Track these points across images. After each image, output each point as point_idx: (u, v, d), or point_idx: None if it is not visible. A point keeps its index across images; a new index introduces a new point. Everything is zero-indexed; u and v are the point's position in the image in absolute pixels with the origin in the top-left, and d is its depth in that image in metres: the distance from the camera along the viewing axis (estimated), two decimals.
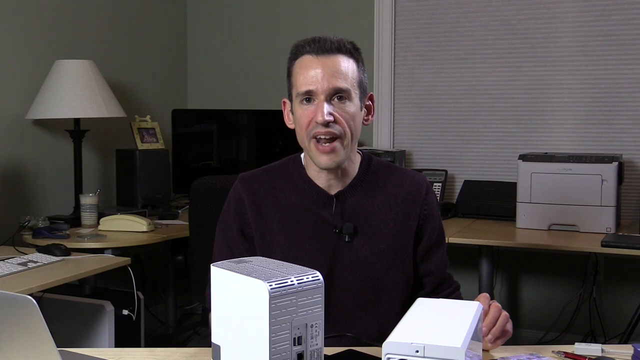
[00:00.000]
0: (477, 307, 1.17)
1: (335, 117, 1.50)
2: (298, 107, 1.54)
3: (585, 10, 3.37)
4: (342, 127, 1.51)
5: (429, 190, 1.64)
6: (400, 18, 3.73)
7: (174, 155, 3.69)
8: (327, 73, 1.49)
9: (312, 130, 1.52)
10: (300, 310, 1.06)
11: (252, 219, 1.59)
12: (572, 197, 2.95)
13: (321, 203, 1.58)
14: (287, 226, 1.58)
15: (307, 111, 1.52)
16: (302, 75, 1.52)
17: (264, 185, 1.62)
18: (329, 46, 1.51)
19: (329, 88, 1.49)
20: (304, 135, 1.54)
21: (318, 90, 1.50)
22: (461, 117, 3.64)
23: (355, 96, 1.54)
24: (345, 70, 1.52)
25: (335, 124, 1.50)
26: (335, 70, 1.50)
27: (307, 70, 1.51)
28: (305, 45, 1.53)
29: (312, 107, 1.51)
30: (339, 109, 1.51)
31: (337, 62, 1.51)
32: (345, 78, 1.51)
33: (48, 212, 3.16)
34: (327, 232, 1.57)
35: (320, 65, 1.50)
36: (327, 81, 1.49)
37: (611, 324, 3.38)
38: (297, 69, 1.54)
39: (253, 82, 4.06)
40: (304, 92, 1.51)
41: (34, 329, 1.01)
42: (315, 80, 1.49)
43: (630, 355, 1.34)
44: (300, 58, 1.54)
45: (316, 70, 1.50)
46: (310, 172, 1.61)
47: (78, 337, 2.59)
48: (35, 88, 3.09)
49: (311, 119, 1.51)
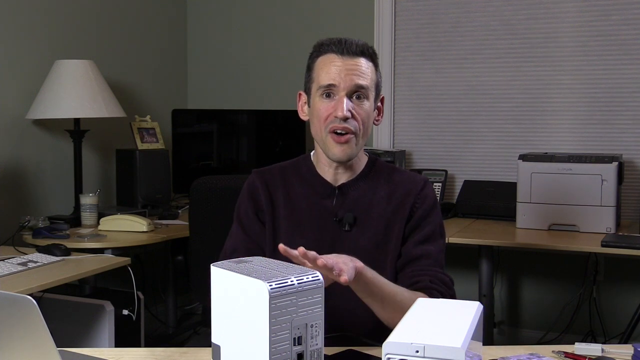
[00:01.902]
0: (477, 307, 1.17)
1: (353, 113, 1.57)
2: (318, 100, 1.60)
3: (585, 10, 3.37)
4: (358, 123, 1.58)
5: (425, 186, 1.67)
6: (400, 18, 3.73)
7: (174, 155, 3.69)
8: (350, 71, 1.56)
9: (330, 124, 1.58)
10: (300, 310, 1.06)
11: (265, 205, 1.66)
12: (572, 197, 2.95)
13: (325, 194, 1.65)
14: (292, 214, 1.64)
15: (327, 105, 1.58)
16: (325, 71, 1.58)
17: (275, 178, 1.69)
18: (354, 49, 1.58)
19: (351, 85, 1.56)
20: (321, 127, 1.60)
21: (340, 86, 1.56)
22: (461, 117, 3.64)
23: (371, 97, 1.61)
24: (366, 71, 1.59)
25: (353, 120, 1.57)
26: (357, 70, 1.57)
27: (330, 66, 1.58)
28: (330, 44, 1.60)
29: (332, 102, 1.58)
30: (357, 106, 1.58)
31: (360, 63, 1.58)
32: (366, 78, 1.58)
33: (48, 212, 3.16)
34: (328, 221, 1.62)
35: (343, 63, 1.57)
36: (350, 78, 1.56)
37: (611, 324, 3.37)
38: (320, 64, 1.60)
39: (253, 82, 4.06)
40: (326, 85, 1.57)
41: (34, 329, 1.01)
42: (338, 76, 1.56)
43: (630, 355, 1.34)
44: (324, 55, 1.60)
45: (339, 67, 1.57)
46: (319, 167, 1.68)
47: (78, 337, 2.59)
48: (35, 88, 3.09)
49: (330, 113, 1.57)
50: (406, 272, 1.59)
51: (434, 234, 1.64)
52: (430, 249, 1.62)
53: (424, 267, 1.58)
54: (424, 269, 1.58)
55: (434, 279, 1.57)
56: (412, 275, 1.57)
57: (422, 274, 1.57)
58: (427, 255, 1.60)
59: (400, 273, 1.59)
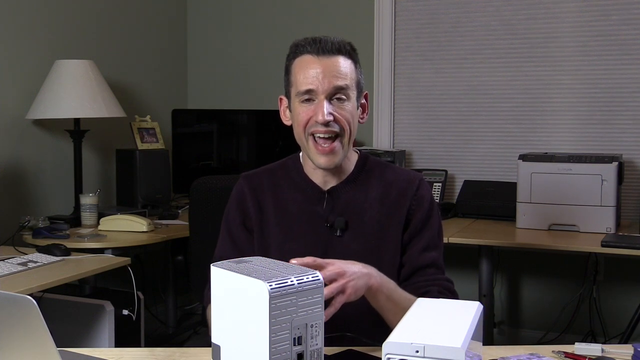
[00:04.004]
0: (477, 307, 1.17)
1: (335, 116, 1.53)
2: (298, 105, 1.56)
3: (585, 10, 3.37)
4: (341, 125, 1.54)
5: (421, 186, 1.63)
6: (400, 18, 3.73)
7: (174, 155, 3.69)
8: (328, 73, 1.52)
9: (310, 128, 1.54)
10: (300, 310, 1.06)
11: (253, 212, 1.63)
12: (572, 197, 2.95)
13: (315, 198, 1.62)
14: (283, 220, 1.61)
15: (307, 110, 1.54)
16: (302, 75, 1.53)
17: (264, 182, 1.66)
18: (330, 47, 1.53)
19: (330, 87, 1.52)
20: (301, 132, 1.57)
21: (319, 90, 1.52)
22: (461, 117, 3.64)
23: (353, 96, 1.57)
24: (345, 70, 1.54)
25: (335, 123, 1.53)
26: (335, 71, 1.52)
27: (307, 69, 1.53)
28: (305, 45, 1.55)
29: (312, 107, 1.54)
30: (338, 108, 1.54)
31: (337, 62, 1.53)
32: (345, 78, 1.54)
33: (48, 212, 3.16)
34: (319, 227, 1.60)
35: (320, 65, 1.52)
36: (328, 81, 1.51)
37: (611, 324, 3.37)
38: (297, 67, 1.55)
39: (253, 82, 4.06)
40: (304, 91, 1.53)
41: (34, 329, 1.01)
42: (315, 79, 1.52)
43: (630, 355, 1.34)
44: (300, 57, 1.56)
45: (317, 70, 1.52)
46: (307, 169, 1.65)
47: (78, 337, 2.59)
48: (35, 88, 3.09)
49: (310, 117, 1.54)
50: (413, 282, 1.57)
51: (434, 239, 1.62)
52: (434, 255, 1.60)
53: (429, 277, 1.57)
54: (430, 279, 1.57)
55: (442, 289, 1.56)
56: (419, 286, 1.56)
57: (429, 284, 1.56)
58: (432, 264, 1.59)
59: (405, 282, 1.57)
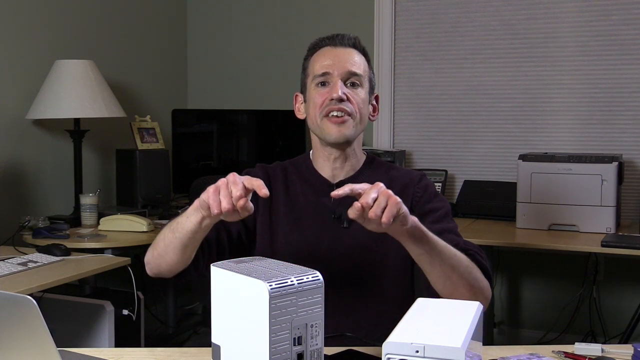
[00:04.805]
0: (477, 307, 1.17)
1: (348, 96, 1.60)
2: (313, 90, 1.63)
3: (585, 10, 3.37)
4: (354, 107, 1.60)
5: (422, 179, 1.68)
6: (400, 18, 3.72)
7: (174, 155, 3.69)
8: (344, 59, 1.62)
9: (325, 107, 1.60)
10: (300, 310, 1.06)
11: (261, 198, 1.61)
12: (572, 197, 2.95)
13: (323, 191, 1.64)
14: (291, 210, 1.66)
15: (322, 92, 1.61)
16: (319, 62, 1.63)
17: (277, 173, 1.72)
18: (347, 41, 1.65)
19: (345, 71, 1.61)
20: (317, 114, 1.62)
21: (334, 73, 1.60)
22: (461, 117, 3.64)
23: (365, 86, 1.65)
24: (359, 61, 1.64)
25: (348, 103, 1.60)
26: (351, 59, 1.63)
27: (324, 57, 1.63)
28: (323, 39, 1.67)
29: (327, 89, 1.61)
30: (352, 92, 1.61)
31: (353, 53, 1.64)
32: (359, 67, 1.63)
33: (48, 212, 3.16)
34: (326, 218, 1.62)
35: (337, 53, 1.63)
36: (343, 66, 1.61)
37: (611, 324, 3.37)
38: (315, 59, 1.65)
39: (253, 82, 4.06)
40: (320, 73, 1.61)
41: (34, 329, 1.01)
42: (331, 64, 1.61)
43: (630, 355, 1.34)
44: (319, 50, 1.66)
45: (333, 56, 1.63)
46: (317, 164, 1.69)
47: (78, 337, 2.59)
48: (35, 88, 3.09)
49: (325, 97, 1.60)
50: None
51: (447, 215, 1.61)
52: (450, 226, 1.58)
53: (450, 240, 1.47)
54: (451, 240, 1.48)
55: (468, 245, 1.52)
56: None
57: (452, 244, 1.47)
58: (449, 230, 1.55)
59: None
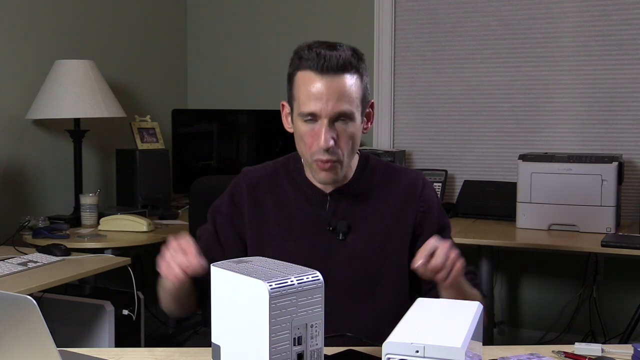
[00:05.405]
0: (477, 307, 1.17)
1: (336, 141, 1.49)
2: (301, 123, 1.52)
3: (585, 10, 3.37)
4: (342, 150, 1.51)
5: (425, 186, 1.63)
6: (400, 18, 3.72)
7: (174, 155, 3.69)
8: (332, 95, 1.46)
9: (314, 154, 1.51)
10: (300, 310, 1.06)
11: (247, 209, 1.62)
12: (572, 197, 2.95)
13: (316, 201, 1.61)
14: (284, 220, 1.61)
15: (311, 131, 1.50)
16: (304, 94, 1.48)
17: (264, 179, 1.65)
18: (334, 65, 1.46)
19: (333, 112, 1.47)
20: (306, 152, 1.54)
21: (322, 114, 1.47)
22: (461, 117, 3.64)
23: (357, 114, 1.52)
24: (350, 90, 1.48)
25: (336, 148, 1.50)
26: (340, 93, 1.47)
27: (310, 88, 1.47)
28: (309, 59, 1.48)
29: (315, 127, 1.49)
30: (341, 130, 1.50)
31: (342, 83, 1.47)
32: (350, 100, 1.48)
33: (48, 212, 3.16)
34: (321, 229, 1.59)
35: (324, 85, 1.46)
36: (332, 105, 1.46)
37: (611, 324, 3.37)
38: (300, 83, 1.50)
39: (253, 82, 4.06)
40: (307, 113, 1.49)
41: (34, 329, 1.01)
42: (319, 102, 1.46)
43: (630, 355, 1.34)
44: (303, 72, 1.49)
45: (320, 90, 1.46)
46: (307, 171, 1.63)
47: (78, 337, 2.59)
48: (35, 88, 3.09)
49: (314, 141, 1.50)
50: None
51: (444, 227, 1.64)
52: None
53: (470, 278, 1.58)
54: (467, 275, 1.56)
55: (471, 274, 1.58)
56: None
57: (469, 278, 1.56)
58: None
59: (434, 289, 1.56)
